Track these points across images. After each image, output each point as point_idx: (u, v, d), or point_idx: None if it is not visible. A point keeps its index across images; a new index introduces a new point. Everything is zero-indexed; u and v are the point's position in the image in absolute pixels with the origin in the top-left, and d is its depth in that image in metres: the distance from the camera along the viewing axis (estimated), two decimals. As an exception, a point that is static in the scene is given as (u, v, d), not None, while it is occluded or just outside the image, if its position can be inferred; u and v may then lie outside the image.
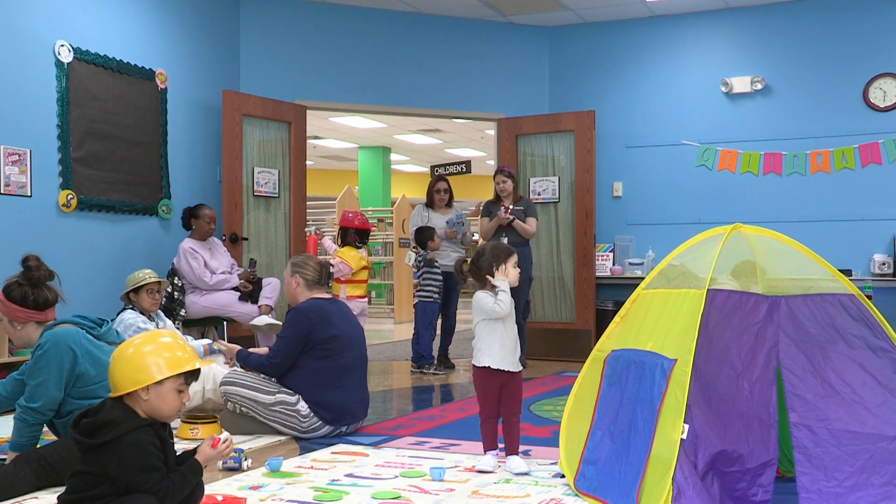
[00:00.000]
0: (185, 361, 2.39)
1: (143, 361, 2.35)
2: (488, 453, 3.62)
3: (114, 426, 2.30)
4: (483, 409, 3.62)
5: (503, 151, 8.30)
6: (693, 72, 8.03)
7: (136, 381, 2.34)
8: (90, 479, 2.32)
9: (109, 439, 2.28)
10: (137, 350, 2.38)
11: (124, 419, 2.31)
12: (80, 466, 2.34)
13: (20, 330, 3.48)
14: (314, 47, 7.83)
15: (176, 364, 2.37)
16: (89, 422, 2.33)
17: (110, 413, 2.32)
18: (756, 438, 2.96)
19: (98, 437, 2.29)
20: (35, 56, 5.62)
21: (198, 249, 6.24)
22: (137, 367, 2.34)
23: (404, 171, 19.56)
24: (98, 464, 2.30)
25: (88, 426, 2.32)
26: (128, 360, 2.36)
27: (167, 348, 2.39)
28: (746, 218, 7.03)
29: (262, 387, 4.28)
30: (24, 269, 3.46)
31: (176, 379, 2.37)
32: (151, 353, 2.37)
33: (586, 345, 7.39)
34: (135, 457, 2.29)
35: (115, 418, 2.31)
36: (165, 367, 2.36)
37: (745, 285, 3.23)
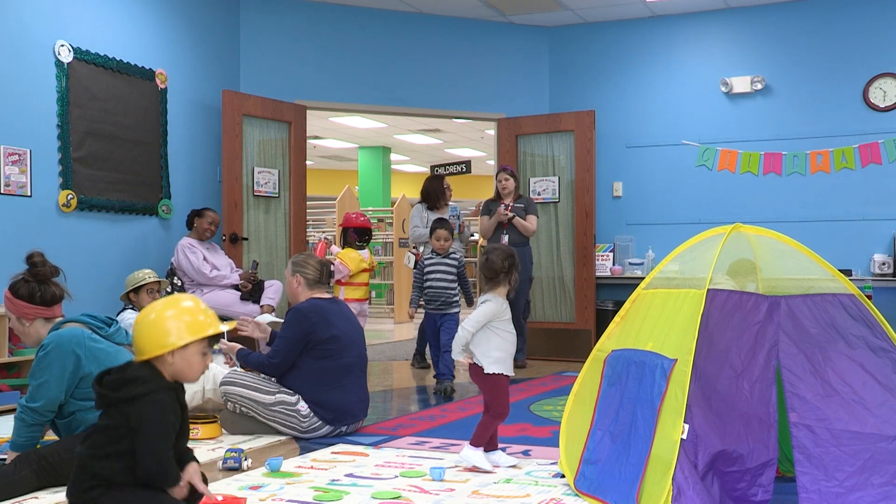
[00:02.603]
0: (207, 325, 2.41)
1: (166, 326, 2.36)
2: (499, 451, 3.66)
3: (142, 382, 2.32)
4: (506, 410, 3.64)
5: (503, 151, 8.30)
6: (693, 72, 8.03)
7: (162, 345, 2.35)
8: (112, 434, 2.33)
9: (136, 394, 2.29)
10: (160, 315, 2.39)
11: (151, 379, 2.33)
12: (103, 421, 2.35)
13: (28, 327, 3.49)
14: (314, 47, 7.83)
15: (199, 328, 2.38)
16: (116, 377, 2.34)
17: (139, 371, 2.34)
18: (756, 438, 2.96)
19: (124, 391, 2.30)
20: (35, 56, 5.62)
21: (196, 246, 6.27)
22: (163, 331, 2.35)
23: (404, 171, 19.56)
24: (122, 416, 2.31)
25: (115, 381, 2.33)
26: (152, 325, 2.37)
27: (189, 312, 2.40)
28: (746, 218, 7.05)
29: (262, 387, 4.28)
30: (29, 265, 3.46)
31: (200, 342, 2.39)
32: (174, 317, 2.38)
33: (586, 345, 7.39)
34: (156, 415, 2.30)
35: (143, 376, 2.33)
36: (187, 332, 2.37)
37: (741, 284, 3.24)
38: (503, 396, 3.63)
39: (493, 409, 3.62)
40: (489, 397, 3.64)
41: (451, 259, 6.00)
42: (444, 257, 5.98)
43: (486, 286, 3.66)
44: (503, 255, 3.64)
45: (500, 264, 3.60)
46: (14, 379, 5.25)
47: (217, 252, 6.50)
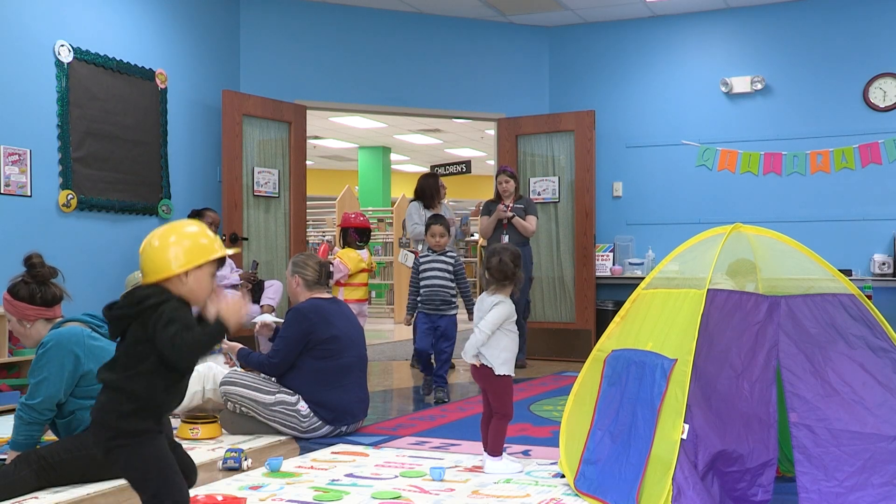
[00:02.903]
0: (218, 247, 2.40)
1: (198, 243, 2.37)
2: (507, 455, 3.65)
3: (159, 293, 2.30)
4: (512, 411, 3.64)
5: (503, 151, 8.30)
6: (693, 72, 8.03)
7: (181, 265, 2.33)
8: (140, 352, 2.32)
9: (154, 303, 2.27)
10: (179, 236, 2.39)
11: (163, 292, 2.32)
12: (124, 346, 2.33)
13: (30, 328, 3.50)
14: (314, 47, 7.84)
15: (211, 250, 2.38)
16: (128, 298, 2.32)
17: (148, 289, 2.33)
18: (756, 438, 2.96)
19: (145, 303, 2.28)
20: (35, 56, 5.62)
21: None
22: (188, 249, 2.34)
23: (404, 171, 19.56)
24: (145, 328, 2.29)
25: (135, 294, 2.31)
26: (157, 251, 2.36)
27: (203, 235, 2.41)
28: (746, 218, 7.04)
29: (262, 387, 4.28)
30: (27, 267, 3.47)
31: (211, 264, 2.39)
32: (191, 235, 2.39)
33: (586, 345, 7.39)
34: (173, 312, 2.28)
35: (154, 292, 2.32)
36: (199, 254, 2.37)
37: (740, 284, 3.24)
38: (510, 397, 3.64)
39: (501, 411, 3.61)
40: (496, 399, 3.61)
41: (447, 257, 5.63)
42: (441, 255, 5.64)
43: (493, 287, 3.64)
44: (513, 256, 3.64)
45: (512, 266, 3.61)
46: (14, 379, 5.25)
47: None
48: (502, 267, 3.59)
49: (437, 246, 5.62)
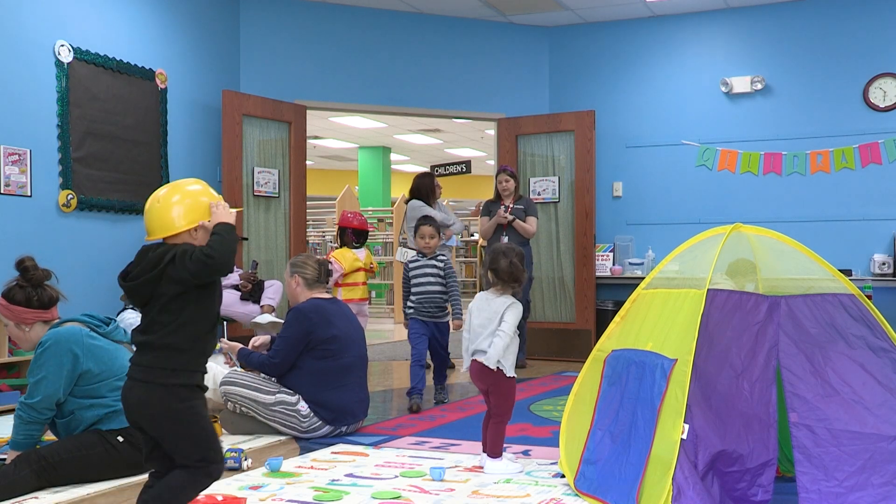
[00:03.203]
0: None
1: (198, 201, 2.44)
2: (506, 455, 3.65)
3: (169, 248, 2.38)
4: (511, 413, 3.65)
5: (503, 151, 8.30)
6: (693, 72, 8.03)
7: (191, 220, 2.43)
8: (176, 306, 2.37)
9: (171, 258, 2.35)
10: (195, 193, 2.45)
11: (171, 246, 2.39)
12: (161, 299, 2.37)
13: (29, 332, 3.50)
14: (314, 47, 7.83)
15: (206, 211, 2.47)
16: (142, 265, 2.37)
17: (159, 248, 2.39)
18: (756, 438, 2.96)
19: (163, 261, 2.35)
20: (35, 56, 5.62)
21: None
22: (193, 206, 2.43)
23: (404, 171, 19.56)
24: (171, 281, 2.36)
25: (148, 258, 2.37)
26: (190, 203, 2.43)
27: (205, 193, 2.48)
28: (746, 218, 7.04)
29: (262, 387, 4.28)
30: (21, 271, 3.47)
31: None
32: (202, 192, 2.47)
33: (586, 345, 7.39)
34: (184, 247, 2.38)
35: (164, 248, 2.39)
36: (206, 211, 2.46)
37: (740, 284, 3.24)
38: (514, 399, 3.65)
39: (502, 413, 3.61)
40: (502, 401, 3.60)
41: (437, 261, 5.37)
42: (432, 259, 5.37)
43: (499, 287, 3.63)
44: (520, 257, 3.67)
45: (521, 267, 3.62)
46: (14, 379, 5.25)
47: None
48: (512, 269, 3.60)
49: (427, 248, 5.36)
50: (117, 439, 3.40)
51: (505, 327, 3.54)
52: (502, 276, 3.61)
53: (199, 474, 2.40)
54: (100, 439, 3.38)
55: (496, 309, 3.60)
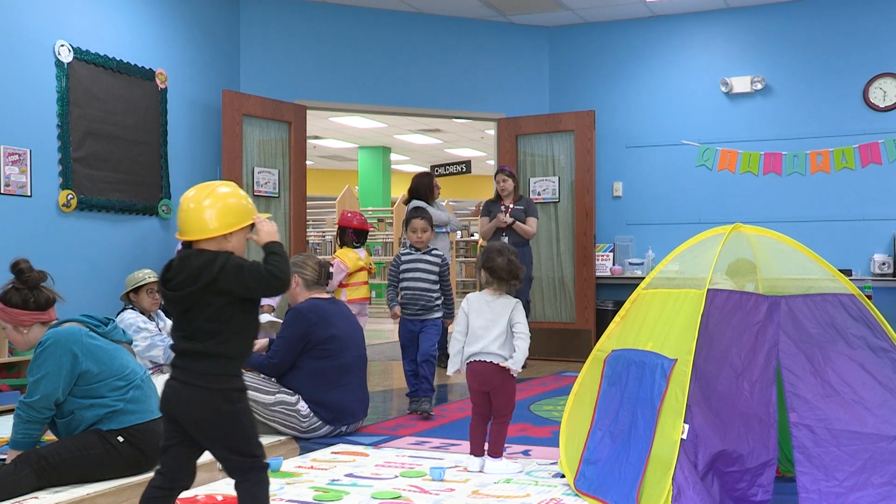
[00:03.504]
0: (252, 210, 2.50)
1: (241, 204, 2.45)
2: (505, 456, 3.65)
3: (211, 257, 2.37)
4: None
5: (503, 151, 8.30)
6: (693, 72, 8.03)
7: (229, 224, 2.41)
8: (225, 315, 2.39)
9: (216, 273, 2.35)
10: (234, 195, 2.44)
11: (211, 252, 2.39)
12: (208, 309, 2.38)
13: (27, 334, 3.50)
14: (314, 47, 7.83)
15: (251, 212, 2.48)
16: (187, 273, 2.37)
17: (200, 257, 2.38)
18: (756, 438, 2.96)
19: (205, 275, 2.35)
20: (35, 56, 5.62)
21: None
22: (237, 210, 2.43)
23: (404, 171, 19.56)
24: (223, 294, 2.37)
25: (191, 267, 2.37)
26: (228, 206, 2.42)
27: (245, 198, 2.49)
28: (746, 218, 7.04)
29: (262, 387, 4.28)
30: (16, 273, 3.47)
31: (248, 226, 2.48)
32: (244, 197, 2.47)
33: (586, 345, 7.39)
34: (237, 261, 2.40)
35: (210, 255, 2.38)
36: (244, 216, 2.45)
37: (740, 284, 3.24)
38: (515, 399, 3.67)
39: (506, 412, 3.61)
40: (506, 400, 3.61)
41: (433, 256, 5.07)
42: (425, 254, 5.08)
43: (495, 286, 3.62)
44: (516, 255, 3.68)
45: (519, 264, 3.63)
46: (14, 379, 5.26)
47: None
48: (511, 267, 3.59)
49: (420, 243, 5.08)
50: (117, 439, 3.40)
51: (523, 328, 3.58)
52: (500, 274, 3.59)
53: (260, 473, 2.43)
54: (100, 439, 3.38)
55: (499, 310, 3.59)
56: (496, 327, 3.58)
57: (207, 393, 2.38)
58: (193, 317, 2.39)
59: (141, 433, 3.46)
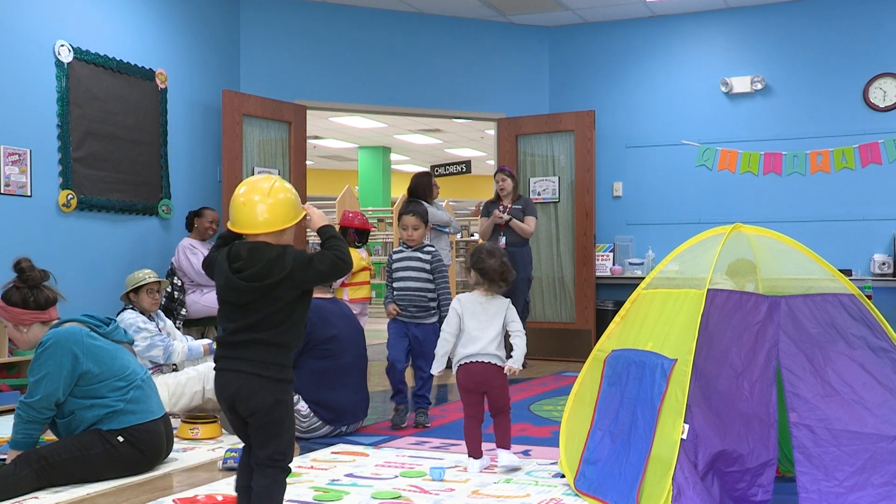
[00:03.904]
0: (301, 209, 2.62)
1: (296, 197, 2.56)
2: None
3: (279, 251, 2.47)
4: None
5: (503, 151, 8.30)
6: (693, 72, 8.03)
7: (290, 219, 2.52)
8: (287, 308, 2.48)
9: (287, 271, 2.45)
10: (290, 189, 2.56)
11: (275, 245, 2.50)
12: (273, 301, 2.46)
13: (27, 333, 3.51)
14: (314, 47, 7.83)
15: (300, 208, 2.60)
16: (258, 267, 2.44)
17: (270, 251, 2.47)
18: (756, 438, 2.96)
19: (276, 274, 2.44)
20: (35, 56, 5.62)
21: (197, 247, 6.29)
22: (295, 203, 2.54)
23: (404, 171, 19.56)
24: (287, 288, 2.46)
25: (262, 262, 2.45)
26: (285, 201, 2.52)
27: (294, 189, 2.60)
28: (746, 218, 7.04)
29: (262, 387, 4.28)
30: (17, 272, 3.48)
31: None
32: (294, 190, 2.58)
33: (586, 345, 7.39)
34: (300, 253, 2.50)
35: (278, 250, 2.48)
36: (299, 211, 2.57)
37: (740, 284, 3.24)
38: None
39: (506, 407, 3.64)
40: (504, 395, 3.64)
41: (423, 253, 4.77)
42: (417, 251, 4.77)
43: (485, 287, 3.64)
44: (508, 256, 3.73)
45: (510, 266, 3.66)
46: (14, 379, 5.26)
47: None
48: (503, 269, 3.61)
49: (410, 240, 4.78)
50: (117, 439, 3.40)
51: (520, 326, 3.65)
52: (492, 275, 3.61)
53: (282, 474, 2.50)
54: (100, 439, 3.38)
55: (493, 311, 3.62)
56: (492, 328, 3.60)
57: (267, 381, 2.46)
58: (258, 307, 2.46)
59: (141, 433, 3.46)
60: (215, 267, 2.53)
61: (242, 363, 2.46)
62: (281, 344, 2.48)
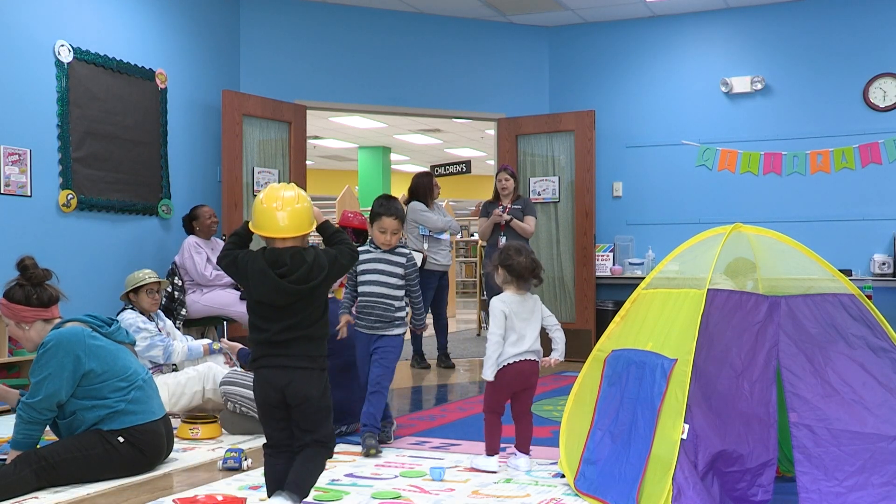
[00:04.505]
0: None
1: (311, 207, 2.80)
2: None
3: (316, 252, 2.75)
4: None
5: (503, 151, 8.30)
6: (693, 72, 8.03)
7: (315, 220, 2.80)
8: (324, 302, 2.79)
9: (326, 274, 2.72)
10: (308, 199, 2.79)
11: (315, 251, 2.77)
12: (319, 296, 2.75)
13: (29, 331, 3.51)
14: (314, 47, 7.83)
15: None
16: (303, 271, 2.68)
17: (308, 251, 2.73)
18: (756, 438, 2.96)
19: (317, 275, 2.70)
20: (35, 56, 5.62)
21: (202, 246, 6.28)
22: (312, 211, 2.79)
23: (404, 170, 19.56)
24: (332, 282, 2.79)
25: (312, 261, 2.70)
26: (310, 207, 2.77)
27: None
28: (746, 218, 7.03)
29: (262, 387, 4.27)
30: (20, 270, 3.50)
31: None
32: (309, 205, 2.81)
33: (586, 345, 7.38)
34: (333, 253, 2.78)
35: (314, 251, 2.76)
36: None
37: (739, 283, 3.24)
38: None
39: (530, 406, 3.69)
40: (532, 397, 3.69)
41: (396, 255, 4.12)
42: (389, 252, 4.11)
43: (515, 285, 3.63)
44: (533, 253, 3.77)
45: (539, 261, 3.70)
46: (14, 379, 5.25)
47: (220, 250, 6.48)
48: (534, 266, 3.61)
49: (387, 245, 4.12)
50: (118, 439, 3.40)
51: (556, 321, 3.70)
52: (522, 272, 3.59)
53: (327, 453, 2.82)
54: (100, 439, 3.38)
55: (531, 308, 3.64)
56: (535, 325, 3.63)
57: (314, 372, 2.73)
58: (300, 307, 2.70)
59: (141, 434, 3.46)
60: (252, 273, 2.69)
61: (290, 359, 2.69)
62: (321, 337, 2.76)
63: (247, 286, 2.74)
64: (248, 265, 2.70)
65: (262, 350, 2.71)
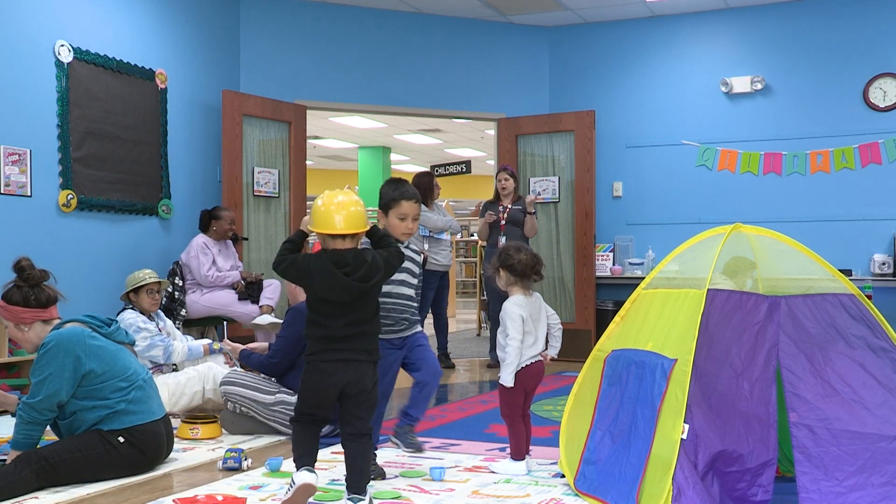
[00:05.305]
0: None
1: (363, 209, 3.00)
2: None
3: (372, 252, 2.97)
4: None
5: (503, 151, 8.30)
6: (693, 72, 8.03)
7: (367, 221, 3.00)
8: (376, 301, 3.00)
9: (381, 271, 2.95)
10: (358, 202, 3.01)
11: (371, 252, 2.98)
12: (375, 290, 2.96)
13: (28, 332, 3.51)
14: (314, 47, 7.83)
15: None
16: (364, 270, 2.88)
17: (366, 251, 2.96)
18: (756, 438, 2.96)
19: (376, 274, 2.91)
20: (35, 56, 5.62)
21: (210, 247, 6.27)
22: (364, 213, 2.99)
23: (404, 171, 19.56)
24: (381, 284, 3.00)
25: (365, 272, 2.89)
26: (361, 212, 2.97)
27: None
28: (746, 218, 7.03)
29: (262, 387, 4.29)
30: (17, 271, 3.49)
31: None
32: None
33: (586, 345, 7.39)
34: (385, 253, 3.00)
35: (370, 251, 2.99)
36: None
37: (739, 283, 3.23)
38: None
39: (528, 409, 3.68)
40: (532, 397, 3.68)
41: (410, 251, 3.74)
42: (406, 247, 3.67)
43: (520, 284, 3.54)
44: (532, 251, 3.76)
45: (540, 258, 3.67)
46: (14, 379, 5.25)
47: (228, 252, 6.47)
48: (534, 262, 3.56)
49: (408, 235, 3.61)
50: (118, 440, 3.40)
51: (558, 318, 3.70)
52: (524, 270, 3.50)
53: (370, 439, 3.00)
54: (100, 439, 3.38)
55: (538, 307, 3.62)
56: (544, 324, 3.62)
57: (372, 365, 2.96)
58: (360, 304, 2.91)
59: (142, 434, 3.46)
60: (317, 272, 2.86)
61: (353, 353, 2.90)
62: (375, 333, 2.98)
63: (310, 285, 2.92)
64: (310, 265, 2.89)
65: (322, 345, 2.90)
